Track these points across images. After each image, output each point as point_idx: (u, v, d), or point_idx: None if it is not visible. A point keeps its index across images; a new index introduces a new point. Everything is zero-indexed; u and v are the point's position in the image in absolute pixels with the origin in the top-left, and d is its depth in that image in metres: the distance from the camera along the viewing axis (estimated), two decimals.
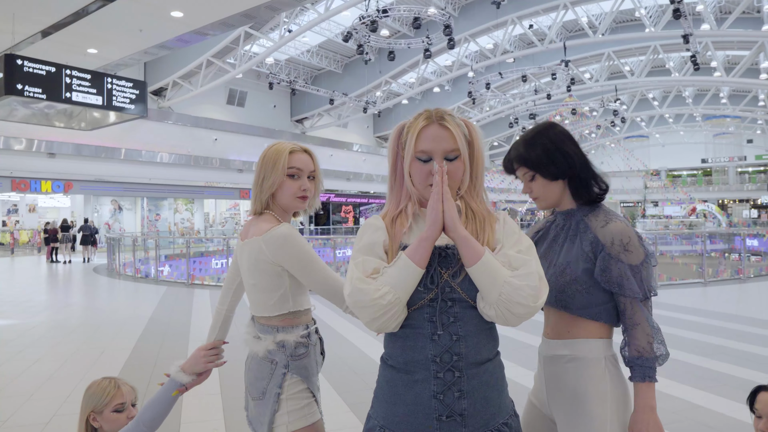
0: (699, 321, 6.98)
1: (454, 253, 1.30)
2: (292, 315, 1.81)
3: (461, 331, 1.28)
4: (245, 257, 1.81)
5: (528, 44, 27.50)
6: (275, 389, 1.73)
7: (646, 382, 1.52)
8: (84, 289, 12.07)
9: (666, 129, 47.12)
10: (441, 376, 1.27)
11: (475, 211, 1.37)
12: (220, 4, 9.28)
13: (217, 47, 22.49)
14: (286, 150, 1.82)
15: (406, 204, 1.40)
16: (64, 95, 9.57)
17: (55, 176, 22.51)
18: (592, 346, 1.58)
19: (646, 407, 1.51)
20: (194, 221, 30.09)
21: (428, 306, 1.29)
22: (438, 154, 1.32)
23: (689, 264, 16.27)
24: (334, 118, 34.21)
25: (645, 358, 1.52)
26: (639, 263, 1.55)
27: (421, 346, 1.29)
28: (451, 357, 1.27)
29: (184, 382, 1.87)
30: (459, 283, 1.29)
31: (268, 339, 1.78)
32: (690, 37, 18.96)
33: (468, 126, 1.39)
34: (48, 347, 6.07)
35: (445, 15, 19.64)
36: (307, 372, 1.79)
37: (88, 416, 1.82)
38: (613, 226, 1.59)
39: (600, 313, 1.59)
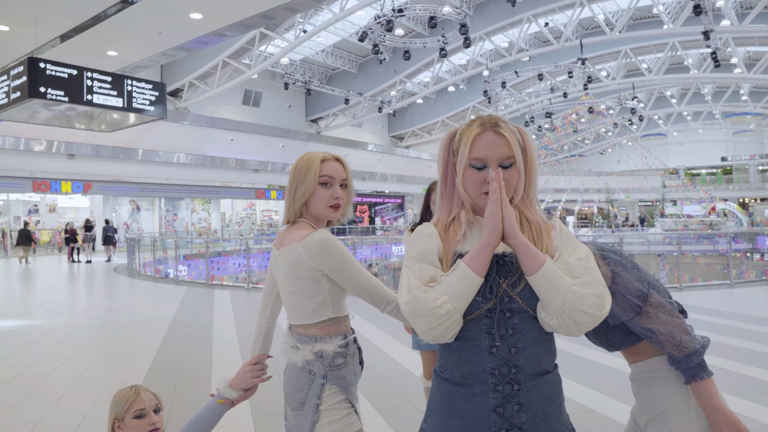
0: (727, 324, 6.86)
1: (512, 262, 1.27)
2: (331, 322, 1.80)
3: (520, 342, 1.25)
4: (282, 265, 1.80)
5: (544, 42, 27.30)
6: (314, 400, 1.72)
7: (698, 381, 1.45)
8: (106, 289, 12.18)
9: (684, 127, 46.53)
10: (500, 389, 1.24)
11: (530, 219, 1.34)
12: (239, 6, 9.29)
13: (232, 48, 22.59)
14: (318, 159, 1.83)
15: (458, 211, 1.37)
16: (86, 97, 9.63)
17: (74, 177, 22.75)
18: (658, 363, 1.55)
19: (708, 408, 1.44)
20: (211, 221, 30.26)
21: (486, 317, 1.25)
22: (493, 162, 1.30)
23: (712, 264, 16.04)
24: (348, 118, 34.23)
25: (678, 360, 1.46)
26: (610, 284, 1.49)
27: (478, 359, 1.25)
28: (509, 369, 1.24)
29: (232, 398, 1.87)
30: (518, 292, 1.25)
31: (306, 349, 1.77)
32: (710, 33, 18.69)
33: (521, 133, 1.36)
34: (74, 348, 6.11)
35: (461, 14, 19.57)
36: (345, 382, 1.78)
37: (113, 425, 1.82)
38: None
39: (638, 337, 1.57)
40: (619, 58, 29.84)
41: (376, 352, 5.80)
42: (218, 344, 6.19)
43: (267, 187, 30.52)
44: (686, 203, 39.71)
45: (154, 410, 1.85)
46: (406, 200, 40.21)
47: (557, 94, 31.95)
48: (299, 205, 1.81)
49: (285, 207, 1.87)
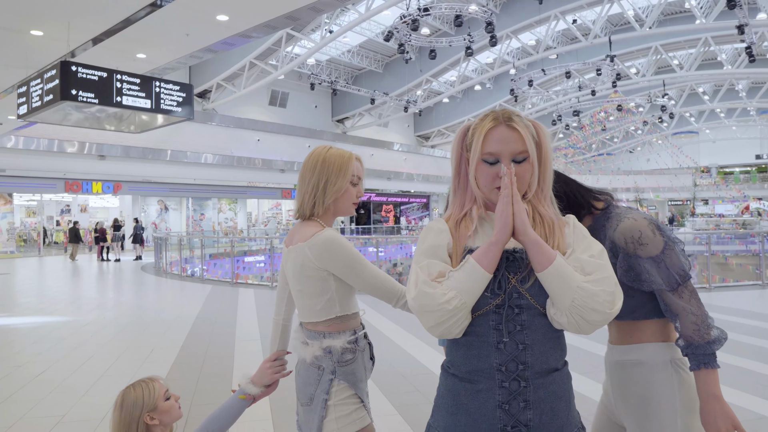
0: (760, 325, 6.67)
1: (522, 258, 1.26)
2: (339, 320, 1.80)
3: (528, 339, 1.24)
4: (290, 264, 1.82)
5: (571, 40, 26.91)
6: (322, 395, 1.73)
7: (702, 369, 1.45)
8: (133, 287, 12.42)
9: (717, 124, 45.40)
10: (506, 386, 1.23)
11: (543, 215, 1.32)
12: (264, 7, 9.37)
13: (259, 49, 22.83)
14: (353, 157, 1.87)
15: (470, 207, 1.36)
16: (115, 99, 9.85)
17: (105, 177, 23.28)
18: (656, 350, 1.55)
19: (708, 397, 1.44)
20: (237, 221, 30.63)
21: (494, 312, 1.25)
22: (506, 156, 1.29)
23: (744, 265, 15.63)
24: (374, 118, 34.29)
25: (695, 345, 1.46)
26: (659, 253, 1.51)
27: (485, 354, 1.25)
28: (516, 366, 1.23)
29: (254, 393, 1.91)
30: (528, 288, 1.24)
31: (315, 345, 1.78)
32: (745, 27, 18.20)
33: (536, 127, 1.35)
34: (101, 344, 6.25)
35: (487, 12, 19.41)
36: (354, 378, 1.79)
37: (145, 419, 1.83)
38: (623, 225, 1.56)
39: (650, 312, 1.57)
40: (649, 55, 29.26)
41: (395, 349, 5.80)
42: (240, 342, 6.26)
43: (293, 187, 30.74)
44: (718, 202, 38.76)
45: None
46: (432, 200, 40.10)
47: (585, 92, 31.48)
48: (330, 200, 1.82)
49: (303, 201, 1.85)
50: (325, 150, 1.87)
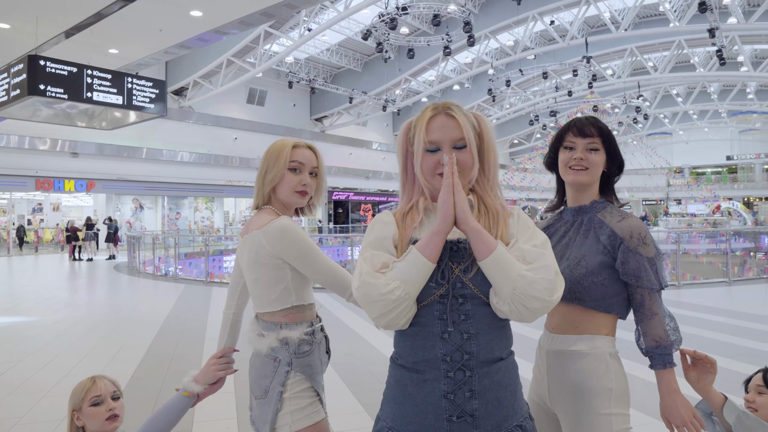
0: (724, 321, 6.80)
1: (465, 248, 1.26)
2: (296, 310, 1.78)
3: (472, 329, 1.24)
4: (245, 253, 1.79)
5: (549, 41, 27.18)
6: (278, 387, 1.70)
7: (668, 368, 1.57)
8: (104, 286, 12.23)
9: (690, 125, 46.25)
10: (451, 376, 1.23)
11: (488, 205, 1.33)
12: (239, 3, 9.30)
13: (237, 47, 22.62)
14: (290, 144, 1.84)
15: (417, 199, 1.37)
16: (86, 95, 9.68)
17: (78, 175, 22.88)
18: (598, 343, 1.60)
19: (671, 391, 1.56)
20: (214, 220, 30.35)
21: (438, 303, 1.24)
22: (446, 144, 1.30)
23: (714, 263, 15.94)
24: (353, 117, 34.22)
25: (663, 346, 1.57)
26: (654, 256, 1.62)
27: (430, 344, 1.25)
28: (461, 356, 1.23)
29: (197, 391, 1.86)
30: (471, 278, 1.25)
31: (271, 336, 1.75)
32: (716, 31, 18.55)
33: (477, 118, 1.37)
34: (66, 344, 6.13)
35: (465, 12, 19.50)
36: (311, 370, 1.75)
37: (72, 417, 1.80)
38: (630, 221, 1.65)
39: (613, 305, 1.63)
40: (625, 57, 29.66)
41: (364, 346, 5.79)
42: (210, 340, 6.19)
43: None
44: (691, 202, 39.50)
45: (113, 397, 1.83)
46: None
47: (562, 93, 31.81)
48: (268, 189, 1.82)
49: (255, 192, 1.86)
50: (274, 142, 1.87)
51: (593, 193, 1.75)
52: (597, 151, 1.69)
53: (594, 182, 1.74)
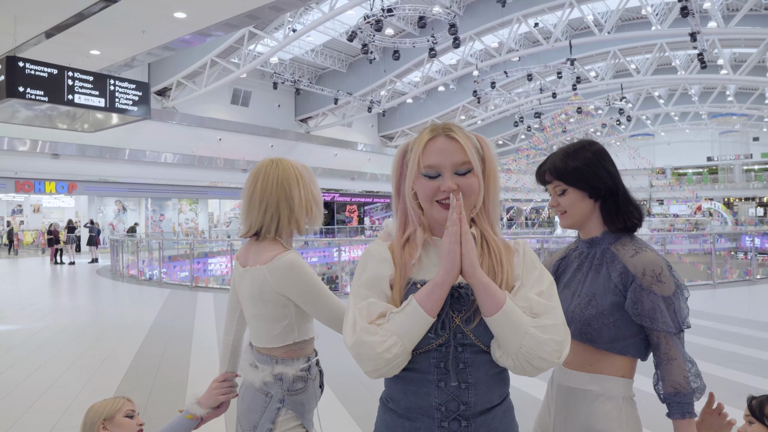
0: (710, 326, 6.87)
1: (468, 294, 1.16)
2: (296, 345, 1.72)
3: (471, 378, 1.16)
4: (246, 286, 1.71)
5: (533, 43, 27.36)
6: (267, 424, 1.64)
7: (686, 419, 1.44)
8: (88, 292, 12.03)
9: (672, 127, 46.86)
10: (446, 426, 1.15)
11: (489, 242, 1.22)
12: (224, 5, 9.20)
13: (221, 47, 22.44)
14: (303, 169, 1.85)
15: (413, 230, 1.25)
16: (66, 97, 9.51)
17: (59, 177, 22.54)
18: (613, 385, 1.50)
19: None
20: (198, 221, 30.08)
21: (436, 350, 1.16)
22: (447, 169, 1.18)
23: (696, 264, 16.12)
24: (338, 118, 34.14)
25: (683, 393, 1.43)
26: (671, 294, 1.48)
27: (425, 392, 1.17)
28: (458, 406, 1.15)
29: (200, 414, 1.82)
30: (473, 329, 1.15)
31: (265, 370, 1.69)
32: (697, 34, 18.79)
33: (480, 140, 1.25)
34: (51, 353, 6.00)
35: (450, 14, 19.53)
36: (303, 408, 1.70)
37: (98, 426, 1.85)
38: (644, 255, 1.50)
39: (628, 347, 1.51)
40: (608, 59, 29.96)
41: None
42: (197, 350, 6.10)
43: None
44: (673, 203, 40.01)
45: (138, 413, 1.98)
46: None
47: (546, 95, 32.03)
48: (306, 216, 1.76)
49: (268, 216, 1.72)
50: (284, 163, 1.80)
51: (596, 225, 1.61)
52: (565, 192, 1.59)
53: (583, 219, 1.61)
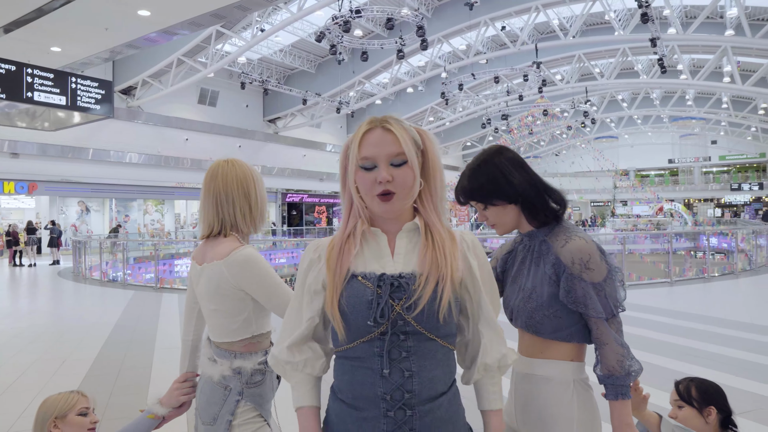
0: (666, 322, 7.09)
1: (408, 283, 1.20)
2: (254, 339, 1.76)
3: (414, 366, 1.19)
4: (204, 282, 1.75)
5: (500, 45, 27.71)
6: (227, 416, 1.69)
7: (620, 400, 1.50)
8: (48, 294, 11.74)
9: (635, 130, 48.04)
10: (391, 415, 1.18)
11: (433, 232, 1.26)
12: (189, 4, 9.11)
13: (187, 46, 22.14)
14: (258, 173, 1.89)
15: (354, 223, 1.29)
16: (26, 95, 9.28)
17: (18, 177, 21.89)
18: (563, 368, 1.56)
19: (623, 425, 1.50)
20: (164, 222, 29.58)
21: (378, 339, 1.19)
22: (382, 160, 1.21)
23: (657, 263, 16.58)
24: (307, 118, 34.00)
25: (616, 376, 1.49)
26: (602, 280, 1.52)
27: (370, 382, 1.19)
28: (402, 395, 1.18)
29: (162, 414, 1.84)
30: (415, 316, 1.18)
31: (224, 364, 1.73)
32: (657, 40, 19.34)
33: (421, 133, 1.29)
34: (6, 357, 5.86)
35: (418, 16, 19.65)
36: (261, 399, 1.75)
37: (48, 424, 1.81)
38: (573, 244, 1.54)
39: (572, 335, 1.57)
40: (573, 63, 30.57)
41: None
42: (160, 350, 6.04)
43: None
44: (636, 203, 40.99)
45: (93, 410, 1.92)
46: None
47: (513, 97, 32.48)
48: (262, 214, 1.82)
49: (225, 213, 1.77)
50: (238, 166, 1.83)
51: (525, 224, 1.67)
52: (486, 208, 1.65)
53: (514, 223, 1.67)
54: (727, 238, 19.43)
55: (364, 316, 1.19)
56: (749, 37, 20.93)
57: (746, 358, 5.20)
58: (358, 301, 1.20)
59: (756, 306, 8.51)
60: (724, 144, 47.33)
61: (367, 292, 1.20)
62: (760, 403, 4.03)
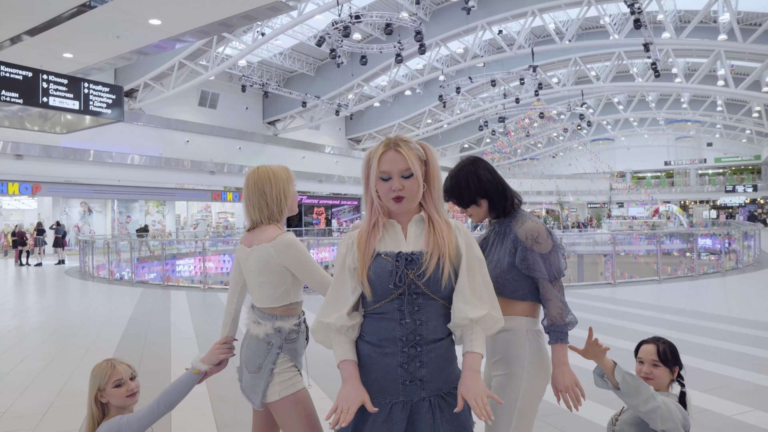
0: (654, 315, 7.49)
1: (418, 258, 1.66)
2: (291, 306, 2.23)
3: (423, 317, 1.65)
4: (254, 260, 2.21)
5: (497, 49, 28.14)
6: (270, 365, 2.14)
7: (559, 344, 1.98)
8: (60, 292, 12.11)
9: (631, 132, 48.52)
10: (406, 351, 1.64)
11: (434, 222, 1.72)
12: (198, 13, 9.50)
13: (189, 50, 22.53)
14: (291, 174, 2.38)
15: (377, 217, 1.75)
16: (41, 99, 9.66)
17: (22, 178, 22.24)
18: (519, 322, 2.04)
19: (560, 363, 1.97)
20: (165, 223, 29.92)
21: (398, 299, 1.65)
22: (395, 174, 1.67)
23: (650, 263, 16.96)
24: (306, 121, 34.39)
25: (557, 324, 1.98)
26: (548, 252, 2.02)
27: (392, 328, 1.65)
28: (414, 337, 1.64)
29: (204, 369, 2.24)
30: (424, 282, 1.64)
31: (267, 324, 2.19)
32: (650, 45, 19.77)
33: (424, 148, 1.74)
34: (32, 348, 6.24)
35: (416, 21, 20.04)
36: (296, 353, 2.22)
37: (95, 395, 2.10)
38: (527, 225, 2.06)
39: (526, 295, 2.06)
40: (569, 66, 31.00)
41: None
42: (176, 340, 6.42)
43: (223, 189, 30.38)
44: (632, 205, 41.39)
45: (131, 378, 2.14)
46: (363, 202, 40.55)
47: (510, 100, 32.92)
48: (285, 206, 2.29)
49: (257, 210, 2.26)
50: (268, 168, 2.33)
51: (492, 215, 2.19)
52: (466, 209, 2.17)
53: (485, 214, 2.17)
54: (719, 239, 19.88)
55: (387, 282, 1.65)
56: (741, 42, 21.38)
57: (711, 344, 5.62)
58: (383, 272, 1.66)
59: (735, 301, 8.92)
60: (719, 146, 47.85)
61: (388, 265, 1.66)
62: (724, 381, 4.45)
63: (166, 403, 2.13)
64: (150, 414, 2.08)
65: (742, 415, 3.71)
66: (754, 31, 21.61)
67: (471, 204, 2.15)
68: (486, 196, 2.14)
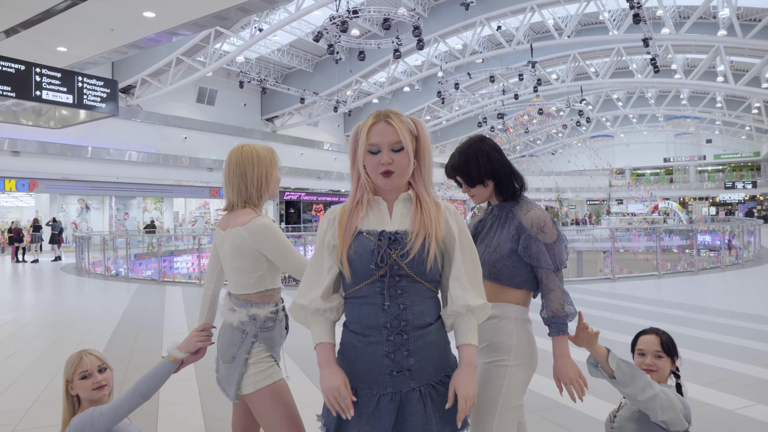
0: (653, 309, 7.41)
1: (402, 237, 1.54)
2: (266, 292, 2.11)
3: (407, 301, 1.53)
4: (228, 244, 2.09)
5: (496, 45, 28.05)
6: (244, 354, 2.02)
7: (560, 336, 1.91)
8: (55, 288, 12.03)
9: (630, 129, 48.43)
10: (392, 339, 1.52)
11: (422, 201, 1.60)
12: (192, 6, 9.40)
13: (186, 45, 22.42)
14: (276, 156, 2.23)
15: (362, 194, 1.62)
16: (34, 93, 9.55)
17: (19, 175, 22.12)
18: (509, 309, 1.95)
19: (562, 355, 1.91)
20: (163, 220, 29.81)
21: (379, 281, 1.53)
22: (385, 146, 1.54)
23: (650, 260, 16.90)
24: (304, 117, 34.29)
25: (558, 316, 1.90)
26: (552, 242, 1.94)
27: (374, 314, 1.53)
28: (399, 323, 1.52)
29: (180, 357, 2.11)
30: (407, 263, 1.52)
31: (242, 312, 2.07)
32: (650, 40, 19.67)
33: (416, 123, 1.62)
34: (22, 342, 6.15)
35: (415, 16, 19.94)
36: (272, 342, 2.09)
37: (66, 386, 2.03)
38: (533, 213, 1.97)
39: (523, 283, 1.97)
40: (568, 62, 30.89)
41: None
42: (169, 334, 6.34)
43: (221, 185, 30.25)
44: (631, 202, 41.35)
45: (99, 370, 2.05)
46: None
47: (509, 96, 32.82)
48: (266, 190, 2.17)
49: (235, 191, 2.15)
50: (250, 147, 2.19)
51: (494, 198, 2.09)
52: (472, 188, 2.07)
53: (488, 196, 2.08)
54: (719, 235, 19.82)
55: (368, 261, 1.53)
56: (741, 38, 21.28)
57: (712, 338, 5.54)
58: (363, 251, 1.54)
59: (735, 295, 8.84)
60: (718, 143, 47.78)
61: (370, 243, 1.54)
62: (726, 375, 4.37)
63: (142, 393, 2.02)
64: (125, 404, 1.99)
65: (744, 409, 3.63)
66: (753, 26, 21.53)
67: (478, 183, 2.05)
68: (494, 177, 2.04)
